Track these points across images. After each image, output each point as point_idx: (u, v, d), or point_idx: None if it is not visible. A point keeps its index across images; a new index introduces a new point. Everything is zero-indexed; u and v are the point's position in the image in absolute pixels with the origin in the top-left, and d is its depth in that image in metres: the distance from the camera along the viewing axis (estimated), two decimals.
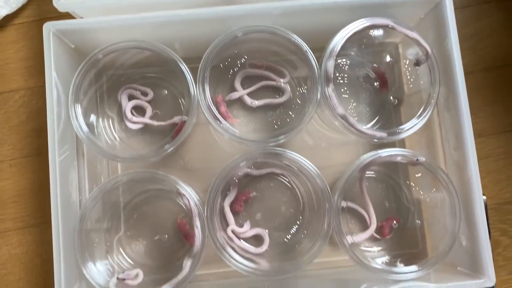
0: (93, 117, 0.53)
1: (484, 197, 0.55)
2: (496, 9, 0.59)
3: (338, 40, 0.48)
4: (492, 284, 0.45)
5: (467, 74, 0.47)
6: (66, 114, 0.49)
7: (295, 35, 0.49)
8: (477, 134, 0.57)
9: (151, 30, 0.50)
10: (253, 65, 0.55)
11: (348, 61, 0.52)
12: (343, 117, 0.47)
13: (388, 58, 0.54)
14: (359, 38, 0.51)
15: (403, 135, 0.48)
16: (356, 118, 0.51)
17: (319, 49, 0.49)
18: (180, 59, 0.49)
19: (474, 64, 0.58)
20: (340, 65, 0.53)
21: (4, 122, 0.58)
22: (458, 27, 0.48)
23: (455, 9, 0.49)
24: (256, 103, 0.55)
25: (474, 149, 0.46)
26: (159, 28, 0.49)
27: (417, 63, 0.49)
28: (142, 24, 0.48)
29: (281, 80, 0.55)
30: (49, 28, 0.47)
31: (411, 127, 0.47)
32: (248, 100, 0.55)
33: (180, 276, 0.46)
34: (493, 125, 0.57)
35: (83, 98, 0.50)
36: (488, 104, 0.58)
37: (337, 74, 0.52)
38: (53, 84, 0.47)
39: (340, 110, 0.47)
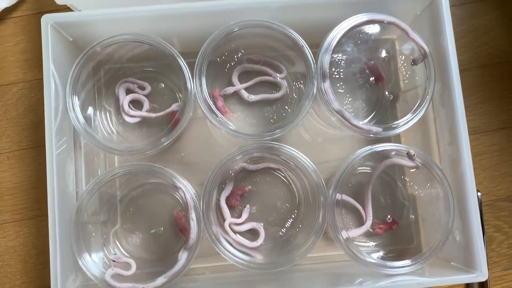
0: (90, 110, 0.54)
1: (479, 194, 0.56)
2: (492, 7, 0.60)
3: (335, 35, 0.48)
4: (484, 279, 0.45)
5: (463, 71, 0.48)
6: (63, 107, 0.49)
7: (292, 30, 0.49)
8: (473, 131, 0.57)
9: (149, 24, 0.50)
10: (250, 60, 0.56)
11: (344, 57, 0.53)
12: (339, 112, 0.47)
13: (384, 54, 0.55)
14: (356, 34, 0.51)
15: (398, 130, 0.48)
16: (352, 114, 0.52)
17: (316, 45, 0.49)
18: (178, 53, 0.50)
19: (470, 61, 0.58)
20: (337, 60, 0.53)
21: (2, 115, 0.58)
22: (454, 25, 0.49)
23: (452, 6, 0.50)
24: (253, 97, 0.55)
25: (468, 144, 0.46)
26: (157, 22, 0.50)
27: (414, 62, 0.49)
28: (140, 18, 0.49)
29: (278, 75, 0.56)
30: (47, 20, 0.47)
31: (406, 122, 0.48)
32: (245, 94, 0.55)
33: (175, 268, 0.47)
34: (488, 122, 0.58)
35: (80, 91, 0.51)
36: (483, 101, 0.58)
37: (333, 70, 0.53)
38: (50, 76, 0.47)
39: (336, 105, 0.48)
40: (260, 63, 0.56)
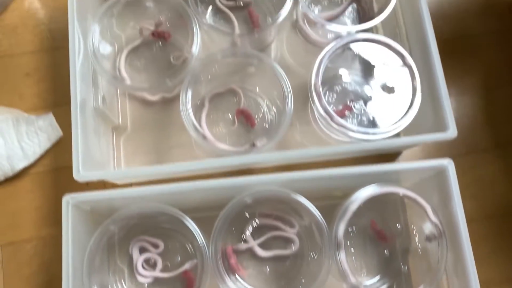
0: (105, 276, 0.54)
1: None
2: (495, 157, 0.62)
3: (348, 208, 0.49)
4: None
5: (470, 222, 0.48)
6: (79, 274, 0.49)
7: (306, 201, 0.50)
8: (484, 284, 0.57)
9: (165, 196, 0.51)
10: (262, 215, 0.57)
11: (358, 225, 0.54)
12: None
13: (396, 221, 0.56)
14: (370, 202, 0.52)
15: None
16: (366, 275, 0.52)
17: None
18: (194, 225, 0.50)
19: (476, 212, 0.60)
20: (350, 230, 0.54)
21: (15, 273, 0.58)
22: (458, 175, 0.49)
23: (455, 157, 0.51)
24: (265, 254, 0.56)
25: None
26: (173, 195, 0.51)
27: (428, 239, 0.50)
28: (157, 193, 0.50)
29: (290, 230, 0.57)
30: (68, 200, 0.48)
31: None
32: (258, 251, 0.56)
33: None
34: (500, 274, 0.58)
35: (95, 259, 0.51)
36: (493, 252, 0.58)
37: (347, 238, 0.54)
38: (69, 253, 0.48)
39: (352, 279, 0.48)
40: (272, 217, 0.57)
